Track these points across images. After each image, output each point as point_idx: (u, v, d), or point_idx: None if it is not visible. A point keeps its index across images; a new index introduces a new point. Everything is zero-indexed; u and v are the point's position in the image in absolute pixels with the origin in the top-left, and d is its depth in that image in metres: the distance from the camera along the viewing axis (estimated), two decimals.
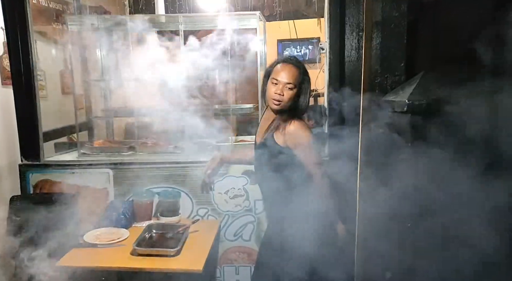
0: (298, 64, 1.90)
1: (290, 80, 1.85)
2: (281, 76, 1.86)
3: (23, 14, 2.22)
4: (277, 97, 1.86)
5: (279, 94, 1.85)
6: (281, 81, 1.85)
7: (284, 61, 1.91)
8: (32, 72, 2.30)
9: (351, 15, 2.03)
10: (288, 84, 1.85)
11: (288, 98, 1.86)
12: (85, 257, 1.93)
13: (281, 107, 1.89)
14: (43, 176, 2.39)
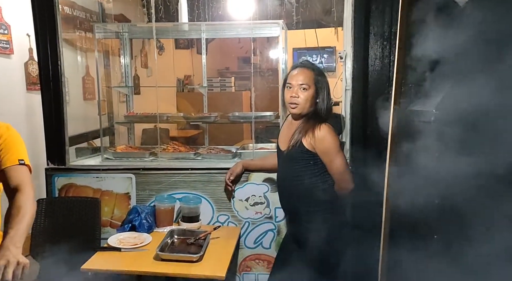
0: (312, 66, 1.93)
1: (303, 81, 1.87)
2: (294, 79, 1.89)
3: (53, 21, 2.28)
4: (293, 100, 1.88)
5: (294, 96, 1.87)
6: (294, 83, 1.89)
7: (297, 66, 1.95)
8: (60, 78, 2.36)
9: (375, 24, 2.04)
10: (302, 85, 1.87)
11: (304, 100, 1.87)
12: (109, 260, 1.95)
13: (299, 111, 1.90)
14: (68, 180, 2.44)
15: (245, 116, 2.85)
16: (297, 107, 1.89)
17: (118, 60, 3.52)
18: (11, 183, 1.38)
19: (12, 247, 1.21)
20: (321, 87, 1.90)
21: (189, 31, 2.86)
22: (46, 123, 2.45)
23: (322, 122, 1.89)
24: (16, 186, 1.37)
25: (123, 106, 3.34)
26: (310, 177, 1.93)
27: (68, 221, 2.29)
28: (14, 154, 1.44)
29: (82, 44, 3.37)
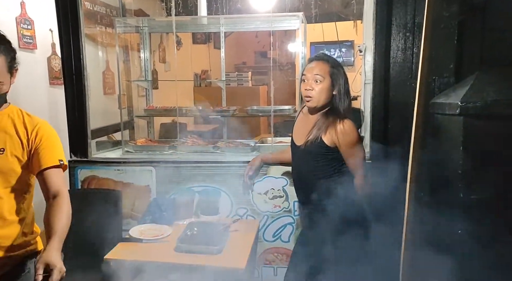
0: (327, 58, 1.91)
1: (317, 72, 1.85)
2: (309, 71, 1.88)
3: (76, 17, 2.32)
4: (307, 93, 1.87)
5: (308, 89, 1.86)
6: (309, 76, 1.87)
7: (312, 59, 1.94)
8: (82, 73, 2.40)
9: (398, 16, 2.01)
10: (316, 76, 1.85)
11: (319, 92, 1.86)
12: (131, 251, 1.98)
13: (314, 104, 1.89)
14: (91, 172, 2.48)
15: (264, 110, 2.85)
16: (311, 100, 1.88)
17: (137, 54, 3.56)
18: (51, 187, 1.40)
19: (57, 253, 1.24)
20: (336, 79, 1.87)
21: (208, 24, 2.87)
22: (69, 117, 2.50)
23: (343, 118, 1.87)
24: (55, 191, 1.39)
25: (142, 101, 3.38)
26: (328, 172, 1.92)
27: (91, 212, 2.34)
28: (54, 154, 1.44)
29: (102, 39, 3.41)
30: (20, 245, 1.47)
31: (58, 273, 1.18)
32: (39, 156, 1.41)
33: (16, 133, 1.41)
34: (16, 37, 2.72)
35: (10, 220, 1.41)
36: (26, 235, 1.49)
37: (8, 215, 1.41)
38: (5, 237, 1.41)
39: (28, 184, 1.48)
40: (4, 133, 1.40)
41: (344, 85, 1.89)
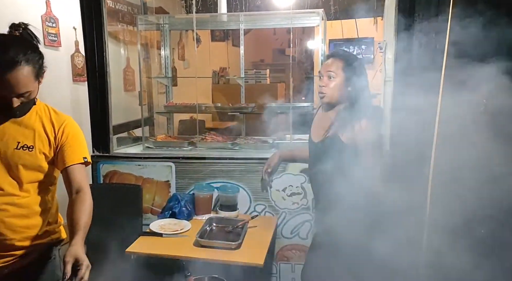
0: (342, 54, 1.90)
1: (330, 69, 1.85)
2: (324, 68, 1.89)
3: (99, 15, 2.37)
4: (321, 89, 1.88)
5: (322, 86, 1.87)
6: (323, 73, 1.88)
7: (328, 56, 1.95)
8: (105, 70, 2.45)
9: (421, 11, 1.97)
10: (329, 73, 1.85)
11: (331, 89, 1.85)
12: (152, 245, 2.03)
13: (327, 100, 1.89)
14: (112, 167, 2.54)
15: (282, 107, 2.84)
16: (325, 97, 1.88)
17: (156, 52, 3.60)
18: (74, 183, 1.44)
19: (82, 249, 1.28)
20: (350, 76, 1.85)
21: (228, 22, 2.88)
22: (92, 113, 2.55)
23: (361, 115, 1.86)
24: (78, 187, 1.44)
25: (162, 97, 3.42)
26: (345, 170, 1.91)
27: (112, 206, 2.39)
28: (78, 151, 1.48)
29: (123, 37, 3.46)
30: (46, 234, 1.52)
31: (86, 268, 1.22)
32: (64, 153, 1.45)
33: (43, 130, 1.45)
34: (42, 35, 2.78)
35: (36, 211, 1.47)
36: (51, 224, 1.55)
37: (35, 207, 1.46)
38: (32, 227, 1.46)
39: (53, 177, 1.53)
40: (32, 131, 1.43)
41: (361, 81, 1.88)
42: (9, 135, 1.40)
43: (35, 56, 1.33)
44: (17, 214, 1.41)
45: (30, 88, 1.32)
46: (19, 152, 1.40)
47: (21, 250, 1.44)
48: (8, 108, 1.33)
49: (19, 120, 1.43)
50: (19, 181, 1.41)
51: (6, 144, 1.39)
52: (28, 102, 1.37)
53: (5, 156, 1.39)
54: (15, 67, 1.25)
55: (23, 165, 1.40)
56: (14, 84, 1.26)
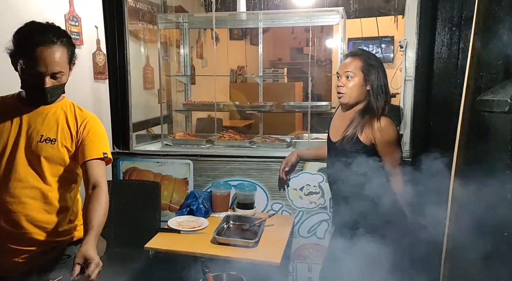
0: (360, 54, 1.88)
1: (348, 69, 1.84)
2: (342, 68, 1.88)
3: (121, 14, 2.41)
4: (339, 89, 1.87)
5: (340, 86, 1.85)
6: (341, 73, 1.87)
7: (346, 56, 1.93)
8: (126, 68, 2.49)
9: (444, 10, 1.94)
10: (347, 73, 1.84)
11: (350, 89, 1.84)
12: (170, 241, 2.05)
13: (346, 100, 1.87)
14: (132, 164, 2.58)
15: (301, 106, 2.84)
16: (343, 97, 1.87)
17: (175, 50, 3.64)
18: (91, 178, 1.45)
19: (93, 248, 1.29)
20: (369, 76, 1.83)
21: (247, 20, 2.89)
22: (113, 110, 2.60)
23: (381, 115, 1.84)
24: (95, 182, 1.45)
25: (180, 96, 3.45)
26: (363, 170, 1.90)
27: (132, 202, 2.43)
28: (99, 146, 1.50)
29: (143, 35, 3.51)
30: (66, 232, 1.54)
31: (95, 266, 1.23)
32: (84, 147, 1.48)
33: (67, 125, 1.48)
34: None
35: (58, 207, 1.49)
36: (72, 222, 1.57)
37: (57, 203, 1.48)
38: (52, 223, 1.48)
39: (75, 174, 1.55)
40: (56, 124, 1.47)
41: (379, 81, 1.85)
42: (33, 128, 1.44)
43: (70, 42, 1.42)
44: (39, 208, 1.44)
45: (63, 69, 1.38)
46: (42, 144, 1.43)
47: (41, 246, 1.46)
48: (40, 90, 1.37)
49: (44, 113, 1.46)
50: (41, 173, 1.43)
51: (30, 136, 1.43)
52: (58, 87, 1.41)
53: (29, 148, 1.42)
54: (52, 46, 1.34)
55: (45, 157, 1.43)
56: (50, 62, 1.34)
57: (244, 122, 5.12)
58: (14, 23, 1.40)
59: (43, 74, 1.35)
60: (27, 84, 1.39)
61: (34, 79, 1.36)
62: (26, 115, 1.45)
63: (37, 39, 1.33)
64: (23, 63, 1.35)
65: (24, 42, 1.34)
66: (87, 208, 1.40)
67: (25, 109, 1.45)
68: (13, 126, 1.43)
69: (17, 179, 1.41)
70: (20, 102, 1.46)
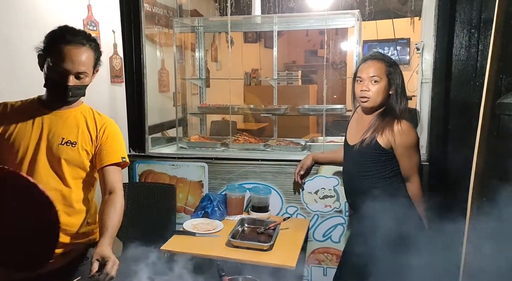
0: (382, 57, 1.86)
1: (373, 73, 1.81)
2: (365, 72, 1.84)
3: (138, 19, 2.44)
4: (363, 94, 1.84)
5: (365, 90, 1.83)
6: (365, 77, 1.84)
7: (366, 58, 1.90)
8: (142, 71, 2.52)
9: (462, 11, 1.91)
10: (372, 78, 1.81)
11: (376, 93, 1.82)
12: (185, 243, 2.06)
13: (371, 104, 1.85)
14: (148, 166, 2.60)
15: (316, 109, 2.83)
16: (368, 101, 1.85)
17: (190, 53, 3.67)
18: (108, 184, 1.49)
19: (108, 248, 1.32)
20: (393, 79, 1.82)
21: (261, 24, 2.89)
22: (129, 113, 2.63)
23: (400, 118, 1.82)
24: (111, 187, 1.49)
25: (195, 99, 3.47)
26: (380, 174, 1.88)
27: (147, 204, 2.45)
28: (116, 152, 1.54)
29: (159, 39, 3.55)
30: (84, 234, 1.56)
31: (112, 264, 1.25)
32: (102, 152, 1.51)
33: (86, 128, 1.52)
34: None
35: (77, 209, 1.51)
36: (90, 224, 1.59)
37: (76, 205, 1.51)
38: (72, 225, 1.50)
39: (93, 177, 1.58)
40: (77, 128, 1.50)
41: (401, 84, 1.84)
42: (54, 131, 1.46)
43: (97, 47, 1.47)
44: (60, 210, 1.44)
45: (88, 70, 1.43)
46: (63, 147, 1.46)
47: (60, 248, 1.48)
48: (63, 88, 1.40)
49: (64, 116, 1.49)
50: (62, 176, 1.46)
51: (52, 139, 1.46)
52: (80, 87, 1.44)
53: (50, 151, 1.45)
54: (81, 47, 1.40)
55: (66, 159, 1.46)
56: (76, 61, 1.39)
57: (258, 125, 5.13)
58: (36, 27, 1.45)
59: (68, 72, 1.39)
60: (51, 81, 1.42)
61: (59, 76, 1.39)
62: (47, 119, 1.48)
63: (69, 39, 1.39)
64: (51, 61, 1.39)
65: (56, 40, 1.39)
66: (103, 212, 1.43)
67: (46, 112, 1.48)
68: (34, 129, 1.46)
69: (39, 181, 1.42)
70: (40, 106, 1.50)
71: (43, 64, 1.43)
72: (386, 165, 1.87)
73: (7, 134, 1.44)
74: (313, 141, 2.82)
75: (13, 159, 1.43)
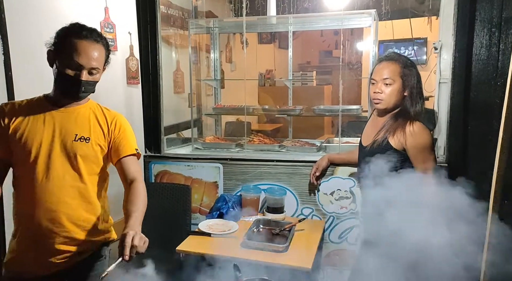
0: (398, 58, 1.82)
1: (386, 75, 1.78)
2: (378, 73, 1.82)
3: (154, 21, 2.46)
4: (376, 96, 1.81)
5: (378, 92, 1.80)
6: (378, 79, 1.81)
7: (381, 60, 1.87)
8: (158, 73, 2.54)
9: (482, 10, 1.87)
10: (386, 80, 1.78)
11: (389, 95, 1.79)
12: (201, 244, 2.06)
13: (384, 106, 1.82)
14: (163, 167, 2.62)
15: (331, 110, 2.81)
16: (381, 103, 1.82)
17: (205, 55, 3.68)
18: (128, 174, 1.51)
19: (138, 226, 1.32)
20: (408, 81, 1.79)
21: (277, 24, 2.89)
22: (145, 114, 2.65)
23: (414, 120, 1.79)
24: (132, 177, 1.50)
25: (210, 99, 3.49)
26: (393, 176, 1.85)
27: (163, 205, 2.46)
28: (131, 143, 1.56)
29: (174, 40, 3.57)
30: (102, 231, 1.58)
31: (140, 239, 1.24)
32: (118, 145, 1.53)
33: (98, 123, 1.53)
34: None
35: (94, 205, 1.53)
36: (105, 222, 1.61)
37: (92, 201, 1.52)
38: (89, 221, 1.52)
39: (106, 173, 1.60)
40: (88, 123, 1.51)
41: (417, 85, 1.80)
42: (66, 128, 1.48)
43: (108, 46, 1.51)
44: (78, 206, 1.48)
45: (99, 66, 1.46)
46: (77, 143, 1.47)
47: (79, 245, 1.50)
48: (77, 82, 1.41)
49: (75, 113, 1.50)
50: (78, 172, 1.47)
51: (65, 136, 1.47)
52: (91, 83, 1.46)
53: (65, 148, 1.46)
54: (95, 43, 1.44)
55: (81, 155, 1.47)
56: (90, 57, 1.41)
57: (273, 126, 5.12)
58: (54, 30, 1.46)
59: (82, 66, 1.40)
60: (64, 77, 1.42)
61: (72, 71, 1.41)
62: (58, 116, 1.48)
63: (84, 34, 1.42)
64: (65, 56, 1.40)
65: (71, 35, 1.41)
66: (127, 201, 1.43)
67: (55, 110, 1.49)
68: (46, 127, 1.46)
69: (56, 178, 1.45)
70: (49, 103, 1.50)
71: (54, 60, 1.44)
72: (398, 166, 1.84)
73: (18, 134, 1.44)
74: (328, 141, 2.80)
75: (27, 158, 1.44)
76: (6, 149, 1.46)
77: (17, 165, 1.48)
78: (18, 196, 1.51)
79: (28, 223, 1.47)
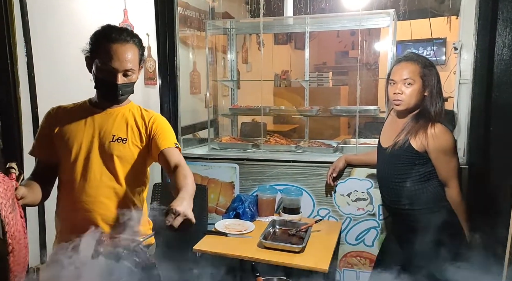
0: (416, 58, 1.80)
1: (406, 75, 1.76)
2: (398, 74, 1.79)
3: (172, 22, 2.49)
4: (396, 97, 1.79)
5: (398, 93, 1.78)
6: (397, 79, 1.79)
7: (400, 60, 1.85)
8: (176, 73, 2.56)
9: (505, 9, 1.83)
10: (406, 80, 1.76)
11: (409, 96, 1.77)
12: (217, 244, 2.07)
13: (404, 107, 1.80)
14: None
15: (348, 110, 2.79)
16: (401, 104, 1.80)
17: (221, 55, 3.70)
18: (171, 161, 1.46)
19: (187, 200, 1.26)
20: (428, 81, 1.76)
21: (293, 25, 2.88)
22: (163, 115, 2.66)
23: (435, 121, 1.76)
24: (176, 163, 1.46)
25: (226, 100, 3.50)
26: (415, 178, 1.82)
27: None
28: (170, 138, 1.55)
29: (191, 41, 3.60)
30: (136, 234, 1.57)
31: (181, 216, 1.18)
32: (157, 140, 1.51)
33: (135, 124, 1.54)
34: None
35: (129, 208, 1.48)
36: (149, 223, 1.62)
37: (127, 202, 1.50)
38: None
39: (144, 176, 1.60)
40: (125, 124, 1.53)
41: (437, 85, 1.78)
42: (105, 129, 1.50)
43: (141, 43, 1.49)
44: (113, 207, 1.48)
45: (134, 67, 1.45)
46: (114, 144, 1.49)
47: None
48: (113, 86, 1.42)
49: (114, 114, 1.52)
50: (114, 173, 1.49)
51: (103, 137, 1.49)
52: (128, 84, 1.47)
53: (102, 149, 1.48)
54: (126, 44, 1.42)
55: (118, 156, 1.48)
56: (123, 59, 1.41)
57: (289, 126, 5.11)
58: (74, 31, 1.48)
59: (116, 70, 1.41)
60: (101, 82, 1.44)
61: (108, 76, 1.42)
62: (98, 118, 1.51)
63: (114, 37, 1.41)
64: (99, 61, 1.41)
65: (102, 40, 1.42)
66: (174, 183, 1.37)
67: (97, 112, 1.52)
68: (87, 129, 1.50)
69: (93, 178, 1.47)
70: (91, 106, 1.54)
71: (91, 65, 1.46)
72: (420, 168, 1.82)
73: (63, 137, 1.48)
74: (345, 142, 2.78)
75: (68, 158, 1.47)
76: (50, 152, 1.50)
77: (61, 167, 1.52)
78: (59, 198, 1.54)
79: (67, 224, 1.50)
